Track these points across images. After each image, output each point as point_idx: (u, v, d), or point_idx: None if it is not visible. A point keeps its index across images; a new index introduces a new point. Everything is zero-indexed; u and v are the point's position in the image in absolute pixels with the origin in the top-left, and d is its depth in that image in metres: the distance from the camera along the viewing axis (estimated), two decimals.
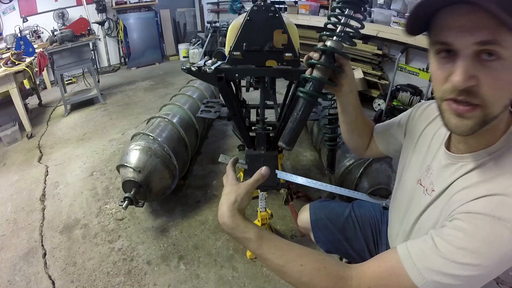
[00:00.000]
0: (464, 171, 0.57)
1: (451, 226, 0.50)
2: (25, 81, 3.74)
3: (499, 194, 0.49)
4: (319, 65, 0.67)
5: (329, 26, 0.73)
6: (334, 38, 0.67)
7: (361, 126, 0.89)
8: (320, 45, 0.69)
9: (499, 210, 0.47)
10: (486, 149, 0.56)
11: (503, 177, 0.51)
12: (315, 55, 0.69)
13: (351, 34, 0.70)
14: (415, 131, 0.77)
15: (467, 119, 0.50)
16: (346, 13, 0.67)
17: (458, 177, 0.58)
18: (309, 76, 0.69)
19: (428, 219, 0.64)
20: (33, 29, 4.61)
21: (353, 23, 0.71)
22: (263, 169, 0.66)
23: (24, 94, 3.62)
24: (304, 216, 1.15)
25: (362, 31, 0.75)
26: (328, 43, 0.67)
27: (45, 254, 1.74)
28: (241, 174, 2.04)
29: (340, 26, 0.68)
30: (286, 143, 0.68)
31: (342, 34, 0.68)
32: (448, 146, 0.65)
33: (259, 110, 1.63)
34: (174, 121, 2.19)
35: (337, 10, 0.71)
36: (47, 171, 2.54)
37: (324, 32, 0.70)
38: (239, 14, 4.62)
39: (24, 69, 3.02)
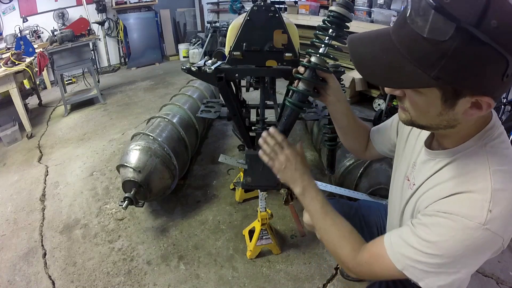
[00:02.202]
0: (439, 166, 0.63)
1: (421, 221, 0.59)
2: (25, 81, 3.74)
3: (466, 191, 0.55)
4: (303, 79, 0.76)
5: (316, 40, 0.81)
6: (318, 54, 0.76)
7: (355, 131, 0.95)
8: (305, 60, 0.77)
9: (463, 209, 0.53)
10: (458, 147, 0.61)
11: (471, 174, 0.56)
12: (301, 70, 0.78)
13: (330, 53, 0.79)
14: (405, 130, 0.81)
15: (403, 114, 0.62)
16: (329, 32, 0.75)
17: (434, 172, 0.64)
18: (294, 88, 0.78)
19: (408, 211, 0.72)
20: (33, 29, 4.61)
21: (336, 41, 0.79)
22: (300, 144, 0.83)
23: (24, 94, 3.62)
24: None
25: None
26: (312, 59, 0.76)
27: (45, 254, 1.74)
28: (241, 174, 2.04)
29: (324, 44, 0.76)
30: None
31: (325, 51, 0.76)
32: (429, 144, 0.70)
33: (259, 110, 1.63)
34: (174, 121, 2.19)
35: (326, 28, 0.79)
36: (47, 171, 2.54)
37: (309, 50, 0.78)
38: (239, 14, 4.63)
39: (24, 69, 3.02)
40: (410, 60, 0.49)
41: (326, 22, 0.76)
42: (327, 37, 0.75)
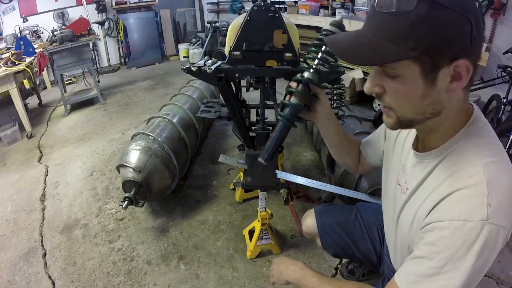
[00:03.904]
0: (430, 167, 0.63)
1: (427, 241, 0.57)
2: (25, 81, 3.74)
3: (461, 188, 0.54)
4: (295, 93, 0.76)
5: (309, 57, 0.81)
6: (311, 70, 0.76)
7: (347, 147, 0.95)
8: (298, 75, 0.78)
9: (464, 210, 0.53)
10: (445, 144, 0.61)
11: (464, 169, 0.56)
12: (293, 84, 0.78)
13: (326, 67, 0.78)
14: (393, 134, 0.81)
15: (389, 117, 0.61)
16: (322, 49, 0.76)
17: (427, 174, 0.63)
18: (287, 102, 0.78)
19: (405, 217, 0.69)
20: (33, 29, 4.61)
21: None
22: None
23: (24, 94, 3.62)
24: (310, 221, 1.15)
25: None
26: (305, 74, 0.76)
27: (45, 254, 1.74)
28: (241, 174, 2.04)
29: (316, 60, 0.77)
30: (265, 160, 0.78)
31: (318, 67, 0.76)
32: (416, 146, 0.70)
33: (259, 110, 1.63)
34: (174, 121, 2.19)
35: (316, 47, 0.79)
36: (47, 171, 2.54)
37: (303, 65, 0.79)
38: (239, 14, 4.63)
39: (24, 69, 3.02)
40: (386, 40, 0.51)
41: (319, 40, 0.78)
42: (320, 53, 0.76)
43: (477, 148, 0.56)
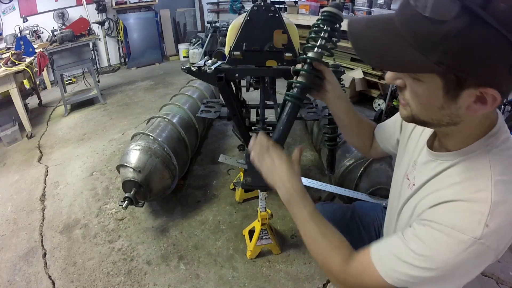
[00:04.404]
0: (441, 168, 0.60)
1: (415, 232, 0.57)
2: (25, 81, 3.75)
3: (465, 200, 0.52)
4: (301, 72, 0.78)
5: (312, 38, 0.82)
6: (315, 49, 0.78)
7: (358, 129, 0.93)
8: (303, 55, 0.78)
9: (460, 222, 0.51)
10: (461, 150, 0.58)
11: (473, 182, 0.54)
12: (299, 65, 0.79)
13: (328, 46, 0.80)
14: (409, 127, 0.80)
15: (404, 110, 0.59)
16: (324, 28, 0.78)
17: (435, 174, 0.61)
18: (293, 81, 0.78)
19: (406, 212, 0.69)
20: (33, 29, 4.61)
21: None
22: (299, 147, 0.78)
23: (24, 94, 3.62)
24: None
25: None
26: (309, 53, 0.78)
27: (45, 254, 1.74)
28: (241, 174, 2.04)
29: (319, 39, 0.78)
30: (277, 139, 0.79)
31: (321, 46, 0.78)
32: (431, 145, 0.67)
33: (259, 110, 1.63)
34: (174, 121, 2.19)
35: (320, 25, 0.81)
36: (47, 171, 2.54)
37: (306, 45, 0.80)
38: (239, 14, 4.63)
39: (24, 69, 3.02)
40: (410, 43, 0.46)
41: (319, 20, 0.79)
42: (322, 32, 0.77)
43: (492, 163, 0.53)
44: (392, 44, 0.48)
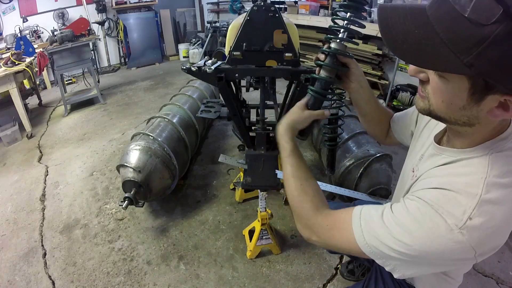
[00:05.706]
0: (442, 162, 0.61)
1: (402, 203, 0.57)
2: (25, 81, 3.75)
3: (454, 190, 0.52)
4: (324, 66, 0.74)
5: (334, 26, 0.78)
6: (338, 40, 0.73)
7: (377, 117, 0.94)
8: (325, 47, 0.75)
9: (446, 206, 0.51)
10: (466, 150, 0.58)
11: (466, 177, 0.54)
12: (321, 57, 0.75)
13: (352, 35, 0.75)
14: (423, 120, 0.80)
15: (422, 102, 0.58)
16: (347, 16, 0.72)
17: (435, 166, 0.62)
18: (316, 75, 0.76)
19: None
20: (33, 29, 4.61)
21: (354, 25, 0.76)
22: (326, 111, 0.79)
23: (24, 94, 3.63)
24: None
25: (363, 31, 0.80)
26: (332, 45, 0.73)
27: (45, 254, 1.74)
28: (241, 174, 2.04)
29: (342, 29, 0.73)
30: (302, 135, 0.81)
31: (344, 36, 0.73)
32: (439, 140, 0.68)
33: (259, 110, 1.63)
34: (174, 121, 2.19)
35: (342, 13, 0.77)
36: (47, 171, 2.54)
37: (328, 35, 0.76)
38: (239, 14, 4.63)
39: (24, 69, 3.02)
40: (443, 40, 0.44)
41: (343, 6, 0.73)
42: (345, 21, 0.72)
43: (491, 164, 0.53)
44: (425, 40, 0.46)
